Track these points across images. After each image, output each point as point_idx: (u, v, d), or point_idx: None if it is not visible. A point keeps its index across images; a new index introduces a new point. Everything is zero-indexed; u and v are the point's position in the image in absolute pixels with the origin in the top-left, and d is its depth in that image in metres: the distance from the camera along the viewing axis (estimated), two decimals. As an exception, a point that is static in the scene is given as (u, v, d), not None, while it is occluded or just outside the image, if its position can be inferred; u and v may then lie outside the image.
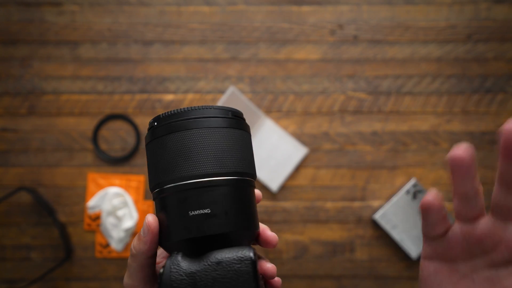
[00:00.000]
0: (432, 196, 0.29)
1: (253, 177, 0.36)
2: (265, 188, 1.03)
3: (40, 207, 1.03)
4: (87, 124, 1.04)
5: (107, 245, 1.01)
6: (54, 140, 1.04)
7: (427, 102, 1.04)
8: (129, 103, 1.04)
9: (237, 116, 0.35)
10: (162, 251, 0.40)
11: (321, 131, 1.04)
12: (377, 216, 0.99)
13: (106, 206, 1.01)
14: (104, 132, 1.04)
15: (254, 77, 1.05)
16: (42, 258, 1.02)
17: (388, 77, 1.05)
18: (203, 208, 0.32)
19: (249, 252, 0.32)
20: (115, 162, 1.03)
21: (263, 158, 1.03)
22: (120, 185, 1.02)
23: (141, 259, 0.34)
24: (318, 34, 1.05)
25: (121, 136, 1.04)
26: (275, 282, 0.37)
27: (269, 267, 0.35)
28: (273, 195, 1.03)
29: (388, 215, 0.99)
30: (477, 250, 0.29)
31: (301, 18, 1.06)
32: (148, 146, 0.35)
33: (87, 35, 1.05)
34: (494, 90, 1.04)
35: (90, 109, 1.04)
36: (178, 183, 0.32)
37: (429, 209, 0.29)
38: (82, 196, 1.03)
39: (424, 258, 0.32)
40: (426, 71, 1.05)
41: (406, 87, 1.05)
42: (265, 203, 1.03)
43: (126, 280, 0.36)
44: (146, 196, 1.03)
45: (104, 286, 1.01)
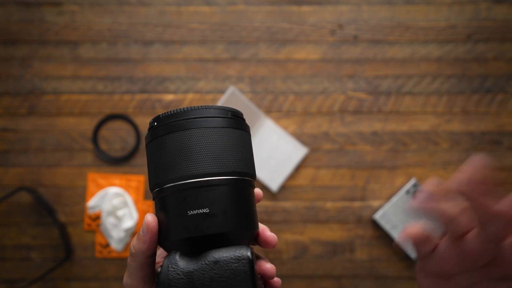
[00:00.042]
0: (409, 232, 0.28)
1: (253, 177, 0.36)
2: (265, 188, 1.03)
3: (40, 207, 1.03)
4: (87, 124, 1.04)
5: (107, 245, 1.01)
6: (54, 140, 1.04)
7: (427, 102, 1.04)
8: (129, 103, 1.04)
9: (237, 116, 0.35)
10: (162, 251, 0.40)
11: (321, 131, 1.04)
12: (377, 216, 0.99)
13: (106, 206, 1.01)
14: (104, 132, 1.04)
15: (254, 77, 1.05)
16: (42, 258, 1.02)
17: (388, 77, 1.05)
18: (202, 208, 0.32)
19: (247, 252, 0.32)
20: (115, 162, 1.03)
21: (263, 158, 1.03)
22: (120, 185, 1.02)
23: (141, 258, 0.34)
24: (318, 34, 1.05)
25: (121, 136, 1.04)
26: (275, 283, 0.37)
27: (269, 267, 0.35)
28: (273, 195, 1.03)
29: (388, 215, 0.99)
30: (472, 265, 0.28)
31: (301, 18, 1.06)
32: (148, 146, 0.35)
33: (87, 35, 1.05)
34: (494, 90, 1.04)
35: (90, 109, 1.04)
36: (177, 183, 0.33)
37: (410, 241, 0.29)
38: (82, 196, 1.03)
39: (420, 272, 0.31)
40: (426, 71, 1.05)
41: (406, 87, 1.05)
42: (265, 203, 1.03)
43: (126, 280, 0.36)
44: (146, 196, 1.03)
45: (104, 286, 1.01)
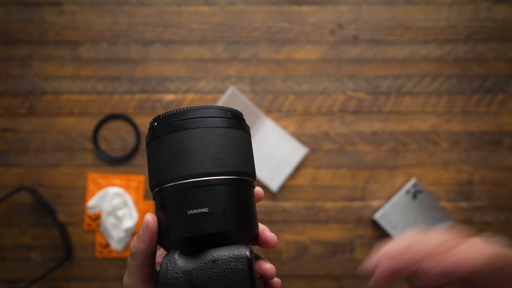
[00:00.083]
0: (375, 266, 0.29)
1: (252, 177, 0.36)
2: (265, 188, 1.03)
3: (40, 207, 1.03)
4: (87, 124, 1.04)
5: (107, 245, 1.01)
6: (54, 140, 1.04)
7: (427, 102, 1.04)
8: (129, 103, 1.04)
9: (237, 116, 0.35)
10: (163, 251, 0.40)
11: (321, 131, 1.04)
12: (377, 216, 0.99)
13: (106, 206, 1.01)
14: (104, 132, 1.04)
15: (254, 77, 1.05)
16: (42, 258, 1.02)
17: (388, 77, 1.05)
18: (201, 207, 0.32)
19: (245, 251, 0.32)
20: (115, 162, 1.03)
21: (263, 158, 1.03)
22: (120, 185, 1.02)
23: (140, 258, 0.34)
24: (318, 34, 1.05)
25: (121, 136, 1.04)
26: (275, 283, 0.37)
27: (268, 267, 0.35)
28: (273, 195, 1.03)
29: (388, 215, 0.99)
30: None
31: (301, 18, 1.06)
32: (148, 146, 0.35)
33: (87, 35, 1.05)
34: (494, 90, 1.04)
35: (90, 109, 1.04)
36: (177, 182, 0.33)
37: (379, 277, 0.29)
38: (82, 196, 1.03)
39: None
40: (426, 71, 1.05)
41: (406, 87, 1.05)
42: (265, 203, 1.03)
43: (126, 280, 0.36)
44: (146, 196, 1.03)
45: (104, 286, 1.01)
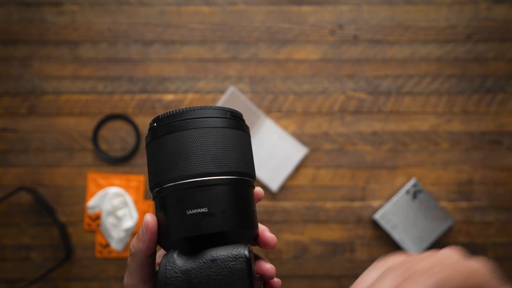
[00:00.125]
0: None
1: (252, 177, 0.36)
2: (265, 188, 1.03)
3: (40, 207, 1.03)
4: (87, 124, 1.04)
5: (107, 245, 1.01)
6: (54, 140, 1.04)
7: (427, 102, 1.04)
8: (129, 103, 1.04)
9: (236, 117, 0.35)
10: (163, 252, 0.40)
11: (321, 131, 1.04)
12: (377, 216, 0.99)
13: (106, 206, 1.01)
14: (104, 132, 1.04)
15: (254, 77, 1.05)
16: (42, 258, 1.02)
17: (388, 77, 1.05)
18: (201, 207, 0.32)
19: (244, 250, 0.32)
20: (115, 162, 1.03)
21: (263, 158, 1.03)
22: (120, 185, 1.02)
23: (140, 258, 0.34)
24: (318, 34, 1.05)
25: (121, 136, 1.04)
26: (275, 283, 0.37)
27: (268, 268, 0.35)
28: (273, 195, 1.03)
29: (388, 215, 0.99)
30: None
31: (301, 18, 1.06)
32: (148, 147, 0.35)
33: (87, 35, 1.05)
34: (494, 90, 1.04)
35: (90, 109, 1.04)
36: (177, 183, 0.33)
37: None
38: (82, 196, 1.03)
39: None
40: (426, 71, 1.05)
41: (406, 87, 1.05)
42: (265, 203, 1.03)
43: (126, 280, 0.36)
44: (146, 196, 1.03)
45: (104, 286, 1.01)
